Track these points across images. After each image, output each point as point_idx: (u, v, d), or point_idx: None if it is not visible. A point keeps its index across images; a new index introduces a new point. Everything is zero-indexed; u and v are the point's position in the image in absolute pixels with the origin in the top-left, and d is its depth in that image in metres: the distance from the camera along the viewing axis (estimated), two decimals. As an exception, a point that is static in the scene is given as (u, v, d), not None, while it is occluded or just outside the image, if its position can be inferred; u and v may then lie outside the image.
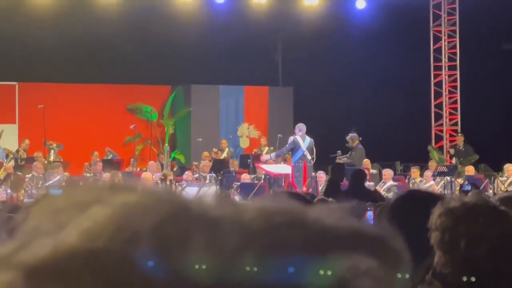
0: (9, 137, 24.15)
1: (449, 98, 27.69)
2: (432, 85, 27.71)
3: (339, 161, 22.35)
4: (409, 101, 26.04)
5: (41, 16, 24.79)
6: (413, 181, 21.42)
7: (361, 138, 25.38)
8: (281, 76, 28.03)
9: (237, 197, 16.02)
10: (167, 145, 25.03)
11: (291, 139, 20.84)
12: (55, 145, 23.48)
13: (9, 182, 19.54)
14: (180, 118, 27.23)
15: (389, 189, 20.30)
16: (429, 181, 21.18)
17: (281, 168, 21.24)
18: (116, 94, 26.58)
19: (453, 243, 2.73)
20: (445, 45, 27.58)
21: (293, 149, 20.89)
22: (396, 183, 20.87)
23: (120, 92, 26.64)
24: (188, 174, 21.21)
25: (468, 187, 16.23)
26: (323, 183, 19.38)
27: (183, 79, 26.72)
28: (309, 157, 20.64)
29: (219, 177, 21.17)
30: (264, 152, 24.07)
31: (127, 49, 25.21)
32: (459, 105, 27.46)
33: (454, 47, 27.48)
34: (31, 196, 18.95)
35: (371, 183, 19.07)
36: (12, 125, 25.38)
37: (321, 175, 20.23)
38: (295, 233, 0.88)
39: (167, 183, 19.14)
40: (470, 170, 21.98)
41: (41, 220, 0.91)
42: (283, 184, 20.44)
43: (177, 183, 19.69)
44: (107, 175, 19.56)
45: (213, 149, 24.37)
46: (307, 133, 20.96)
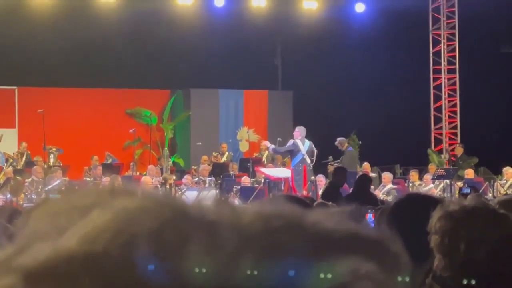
0: (9, 142, 24.13)
1: (449, 101, 27.69)
2: (431, 88, 27.71)
3: (331, 167, 22.36)
4: (409, 104, 26.03)
5: (41, 20, 24.79)
6: (412, 184, 21.42)
7: (360, 141, 25.40)
8: (281, 80, 28.02)
9: (237, 201, 16.04)
10: (166, 149, 25.01)
11: (291, 142, 20.86)
12: (54, 150, 23.46)
13: (8, 186, 19.53)
14: (179, 122, 27.23)
15: (388, 193, 20.31)
16: (428, 184, 21.18)
17: (280, 172, 21.25)
18: (115, 98, 26.57)
19: (453, 247, 2.73)
20: (444, 48, 27.58)
21: (292, 153, 20.90)
22: (395, 186, 20.86)
23: (119, 96, 26.64)
24: (187, 178, 21.23)
25: (467, 190, 16.19)
26: (323, 187, 19.38)
27: (183, 83, 26.71)
28: (308, 161, 20.66)
29: (219, 181, 21.18)
30: (264, 156, 24.11)
31: (127, 54, 25.22)
32: (458, 108, 27.45)
33: (453, 50, 27.49)
34: (31, 200, 18.94)
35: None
36: (11, 129, 25.37)
37: (321, 178, 20.24)
38: (293, 237, 0.89)
39: (167, 187, 19.15)
40: (469, 173, 21.98)
41: (41, 224, 0.91)
42: (283, 188, 20.44)
43: (177, 187, 19.70)
44: (106, 179, 19.54)
45: (213, 153, 24.37)
46: (306, 137, 20.98)
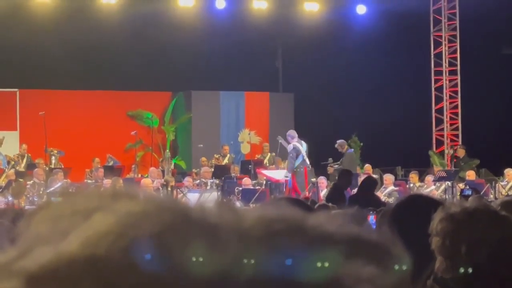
0: (10, 144, 24.16)
1: (450, 103, 27.67)
2: (432, 90, 27.69)
3: (330, 168, 22.34)
4: (410, 106, 26.02)
5: (42, 23, 24.79)
6: (412, 185, 21.40)
7: (361, 143, 25.40)
8: (282, 82, 28.03)
9: (238, 203, 16.02)
10: (168, 151, 25.01)
11: (291, 147, 20.72)
12: (56, 152, 23.46)
13: (10, 188, 19.54)
14: (181, 124, 27.23)
15: (390, 194, 20.28)
16: (430, 186, 21.16)
17: (282, 174, 21.21)
18: (117, 100, 26.57)
19: (454, 248, 2.73)
20: (445, 50, 27.57)
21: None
22: (397, 188, 20.84)
23: (121, 98, 26.65)
24: (188, 180, 21.21)
25: (468, 192, 16.20)
26: (324, 189, 19.37)
27: (184, 85, 26.72)
28: (308, 162, 20.64)
29: (220, 183, 21.16)
30: (266, 158, 24.11)
31: (128, 56, 25.23)
32: (460, 110, 27.43)
33: (454, 52, 27.47)
34: (33, 202, 18.92)
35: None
36: (13, 131, 25.38)
37: (322, 180, 20.23)
38: (294, 240, 0.89)
39: (169, 189, 19.13)
40: (470, 174, 21.96)
41: (43, 227, 0.92)
42: (284, 189, 20.43)
43: (179, 189, 19.68)
44: (108, 182, 19.54)
45: (215, 155, 24.36)
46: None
